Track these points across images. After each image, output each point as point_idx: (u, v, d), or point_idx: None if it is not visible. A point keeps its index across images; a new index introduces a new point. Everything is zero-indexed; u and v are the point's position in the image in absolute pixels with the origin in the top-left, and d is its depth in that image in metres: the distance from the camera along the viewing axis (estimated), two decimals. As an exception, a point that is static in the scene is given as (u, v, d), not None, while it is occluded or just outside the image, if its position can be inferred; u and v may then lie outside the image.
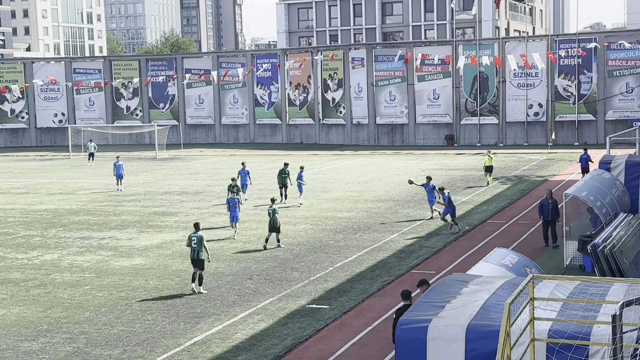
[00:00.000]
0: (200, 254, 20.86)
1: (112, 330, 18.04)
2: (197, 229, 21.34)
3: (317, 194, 39.12)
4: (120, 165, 42.02)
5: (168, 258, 25.38)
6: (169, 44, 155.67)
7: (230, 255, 25.57)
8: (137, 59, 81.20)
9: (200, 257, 20.88)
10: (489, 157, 40.46)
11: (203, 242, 20.92)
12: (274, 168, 51.65)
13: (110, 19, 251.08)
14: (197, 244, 20.84)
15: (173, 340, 17.27)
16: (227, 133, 75.96)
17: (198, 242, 20.86)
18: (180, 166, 55.08)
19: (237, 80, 74.53)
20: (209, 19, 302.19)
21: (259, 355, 16.18)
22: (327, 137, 71.47)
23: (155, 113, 76.86)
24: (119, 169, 41.77)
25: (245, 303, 20.00)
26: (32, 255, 26.21)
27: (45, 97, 78.10)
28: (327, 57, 70.63)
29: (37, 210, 35.91)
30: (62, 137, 73.48)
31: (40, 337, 17.66)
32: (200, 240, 20.86)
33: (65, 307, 20.01)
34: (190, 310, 19.42)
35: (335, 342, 16.96)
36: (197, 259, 20.88)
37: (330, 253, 25.55)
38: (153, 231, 30.14)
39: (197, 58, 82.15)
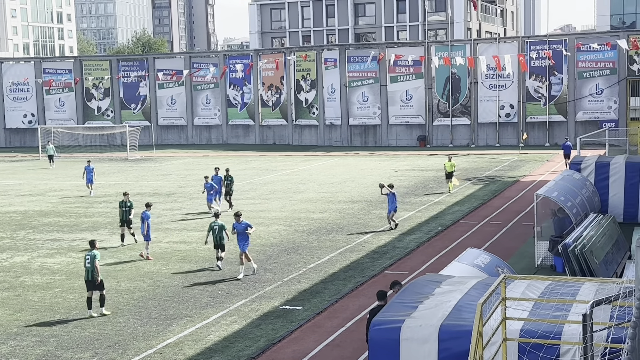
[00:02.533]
0: (94, 273, 19.31)
1: (83, 332, 17.87)
2: (92, 247, 19.85)
3: (290, 194, 39.08)
4: (91, 169, 40.75)
5: (140, 260, 25.18)
6: (141, 44, 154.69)
7: (202, 256, 25.44)
8: (108, 59, 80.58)
9: (94, 278, 19.31)
10: (450, 163, 38.41)
11: (95, 262, 19.38)
12: (247, 169, 51.58)
13: (81, 19, 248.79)
14: (90, 263, 19.32)
15: (145, 342, 17.14)
16: (200, 134, 75.61)
17: (91, 261, 19.35)
18: (152, 167, 54.73)
19: (209, 80, 74.22)
20: (181, 19, 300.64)
21: (232, 357, 16.12)
22: (300, 138, 71.43)
23: (127, 114, 76.30)
24: (89, 173, 40.44)
25: (218, 304, 19.91)
26: (1, 258, 25.89)
27: (14, 98, 77.21)
28: (300, 57, 70.61)
29: (6, 212, 35.47)
30: (32, 138, 72.70)
31: (10, 340, 17.44)
32: (93, 259, 19.35)
33: (35, 309, 19.79)
34: (162, 312, 19.29)
35: (309, 343, 16.94)
36: (90, 279, 19.34)
37: (303, 254, 25.53)
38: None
39: (169, 58, 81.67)
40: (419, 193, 38.36)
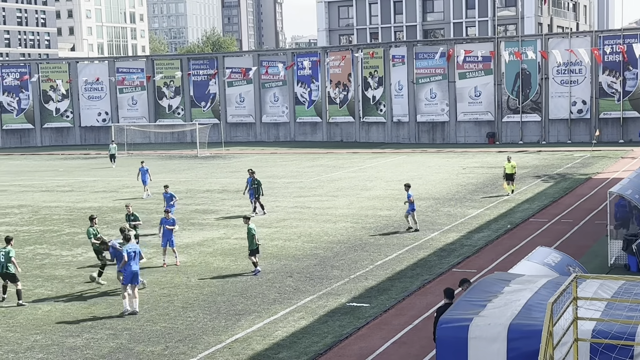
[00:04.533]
0: (10, 267, 20.35)
1: (154, 326, 18.23)
2: (7, 243, 20.92)
3: (357, 192, 39.08)
4: (145, 170, 39.70)
5: (209, 255, 25.57)
6: (210, 42, 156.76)
7: (270, 253, 25.68)
8: (179, 58, 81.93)
9: (9, 271, 20.37)
10: (510, 164, 35.93)
11: (11, 258, 20.43)
12: (314, 166, 51.81)
13: (153, 19, 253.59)
14: (3, 259, 20.34)
15: (214, 337, 17.40)
16: (268, 131, 76.26)
17: (5, 256, 20.37)
18: (221, 164, 55.45)
19: (278, 78, 74.80)
20: (250, 17, 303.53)
21: (300, 353, 16.22)
22: (368, 135, 71.35)
23: (197, 112, 77.47)
24: (144, 174, 39.54)
25: (285, 301, 20.07)
26: (77, 252, 26.60)
27: (89, 97, 79.22)
28: (368, 54, 70.51)
29: (81, 208, 36.43)
30: (106, 135, 74.45)
31: (85, 332, 17.92)
32: (7, 256, 20.39)
33: (108, 303, 20.28)
34: (231, 308, 19.55)
35: (375, 341, 16.94)
36: (5, 272, 20.40)
37: (370, 251, 25.51)
38: (194, 229, 30.40)
39: (238, 57, 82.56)
40: (488, 190, 37.90)
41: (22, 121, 79.09)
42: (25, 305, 20.26)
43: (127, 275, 19.17)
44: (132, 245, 19.52)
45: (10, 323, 18.76)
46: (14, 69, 79.52)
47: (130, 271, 19.16)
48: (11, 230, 31.01)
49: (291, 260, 24.57)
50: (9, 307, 20.15)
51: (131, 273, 19.18)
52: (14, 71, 78.99)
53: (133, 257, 19.28)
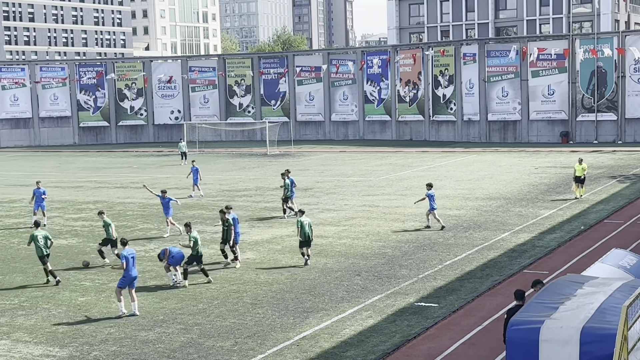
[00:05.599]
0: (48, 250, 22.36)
1: (224, 322, 18.46)
2: (36, 227, 22.90)
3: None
4: (196, 169, 38.92)
5: (278, 253, 25.76)
6: (281, 41, 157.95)
7: (338, 251, 25.71)
8: (250, 56, 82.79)
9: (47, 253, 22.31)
10: (581, 167, 34.39)
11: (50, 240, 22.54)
12: (383, 165, 51.67)
13: (225, 18, 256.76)
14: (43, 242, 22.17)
15: (283, 333, 17.52)
16: (337, 130, 76.40)
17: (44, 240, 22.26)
18: (290, 162, 55.78)
19: (348, 76, 74.85)
20: (320, 16, 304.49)
21: (367, 352, 16.20)
22: (437, 134, 70.78)
23: (267, 110, 78.16)
24: (194, 174, 38.74)
25: (353, 299, 20.07)
26: (149, 248, 27.12)
27: (162, 95, 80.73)
28: (438, 52, 69.92)
29: (153, 205, 37.11)
30: (178, 133, 75.70)
31: (157, 327, 18.26)
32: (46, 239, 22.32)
33: (179, 298, 20.63)
34: (299, 305, 19.65)
35: (444, 341, 16.80)
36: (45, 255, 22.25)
37: (439, 251, 25.31)
38: (264, 226, 30.66)
39: (308, 55, 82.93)
40: (560, 191, 37.15)
41: (98, 119, 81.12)
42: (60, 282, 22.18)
43: (125, 279, 19.21)
44: (130, 250, 19.57)
45: (85, 316, 19.26)
46: (90, 68, 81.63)
47: (129, 276, 19.21)
48: (87, 225, 31.85)
49: (359, 258, 24.56)
50: (85, 300, 20.69)
51: (130, 278, 19.25)
52: (90, 70, 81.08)
53: (132, 262, 19.31)
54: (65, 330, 18.12)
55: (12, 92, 79.63)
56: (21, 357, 16.44)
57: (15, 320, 18.98)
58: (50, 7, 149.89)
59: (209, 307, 19.65)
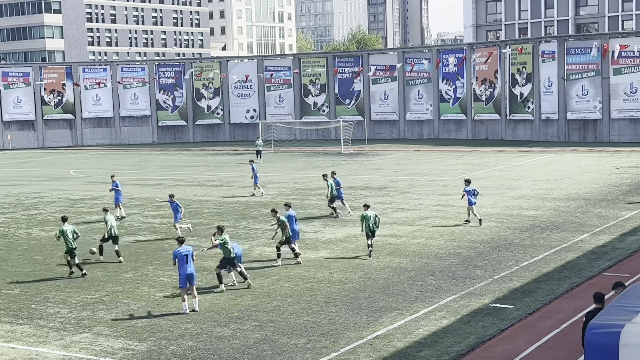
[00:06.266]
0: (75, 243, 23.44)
1: (297, 320, 18.59)
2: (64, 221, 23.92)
3: (502, 191, 38.26)
4: (253, 168, 39.51)
5: (351, 251, 25.78)
6: (356, 40, 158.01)
7: (412, 251, 25.58)
8: (325, 56, 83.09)
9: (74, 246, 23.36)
10: None
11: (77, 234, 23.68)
12: (458, 164, 51.15)
13: (300, 17, 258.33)
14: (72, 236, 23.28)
15: (356, 332, 17.53)
16: (411, 129, 75.99)
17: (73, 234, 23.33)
18: (364, 161, 55.75)
19: (423, 75, 74.35)
20: (395, 15, 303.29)
21: (441, 352, 16.07)
22: (514, 133, 69.64)
23: (341, 109, 78.29)
24: (254, 173, 39.38)
25: (427, 299, 19.94)
26: (225, 245, 27.48)
27: (238, 94, 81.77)
28: (516, 50, 68.78)
29: (229, 203, 37.65)
30: (254, 132, 76.58)
31: (232, 323, 18.51)
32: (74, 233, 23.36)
33: (254, 295, 20.86)
34: (372, 304, 19.63)
35: (520, 343, 16.53)
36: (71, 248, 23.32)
37: (515, 252, 24.91)
38: (337, 225, 30.73)
39: (383, 54, 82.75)
40: (643, 192, 36.09)
41: (176, 118, 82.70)
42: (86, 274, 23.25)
43: (182, 277, 19.34)
44: (183, 248, 19.66)
45: (162, 311, 19.67)
46: (169, 68, 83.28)
47: (184, 273, 19.33)
48: (165, 222, 32.50)
49: (433, 258, 24.38)
50: (163, 296, 21.11)
51: (185, 275, 19.35)
52: (169, 70, 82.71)
53: (185, 259, 19.39)
54: (143, 324, 18.55)
55: (94, 92, 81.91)
56: (102, 350, 16.90)
57: (96, 314, 19.53)
58: (131, 8, 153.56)
59: (283, 305, 19.82)
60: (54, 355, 16.67)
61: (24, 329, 18.48)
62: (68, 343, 17.37)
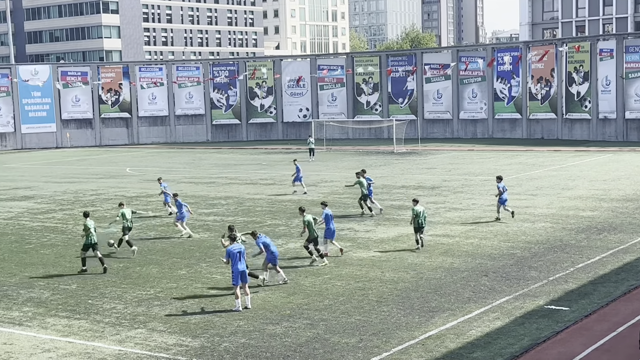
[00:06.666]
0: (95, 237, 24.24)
1: (349, 319, 18.59)
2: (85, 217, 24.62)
3: (557, 191, 37.67)
4: (298, 168, 40.20)
5: (404, 251, 25.67)
6: (409, 39, 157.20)
7: (465, 251, 25.36)
8: (378, 54, 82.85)
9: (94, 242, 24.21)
10: None
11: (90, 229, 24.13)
12: (513, 164, 50.51)
13: (354, 16, 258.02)
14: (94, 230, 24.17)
15: (408, 332, 17.46)
16: (465, 128, 75.30)
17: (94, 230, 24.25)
18: (417, 161, 55.44)
19: (477, 74, 73.63)
20: (450, 13, 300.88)
21: (494, 354, 15.90)
22: (570, 133, 68.49)
23: (394, 108, 77.99)
24: (298, 172, 40.00)
25: (480, 300, 19.75)
26: (277, 243, 27.60)
27: (291, 93, 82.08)
28: (573, 49, 67.62)
29: (282, 201, 37.81)
30: (306, 131, 76.69)
31: (284, 321, 18.60)
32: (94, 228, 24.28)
33: (306, 294, 20.92)
34: (424, 304, 19.52)
35: (575, 346, 16.26)
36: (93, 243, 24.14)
37: (571, 253, 24.51)
38: (389, 224, 30.63)
39: (437, 53, 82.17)
40: None
41: (230, 117, 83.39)
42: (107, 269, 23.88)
43: (234, 275, 19.45)
44: (236, 246, 19.74)
45: (215, 308, 19.86)
46: (223, 67, 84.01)
47: (236, 271, 19.43)
48: (218, 220, 32.79)
49: (487, 259, 24.14)
50: (216, 293, 21.31)
51: (238, 273, 19.44)
52: (223, 69, 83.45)
53: (238, 257, 19.49)
54: (197, 321, 18.76)
55: (150, 91, 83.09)
56: (156, 345, 17.15)
57: (151, 310, 19.82)
58: (186, 8, 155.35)
59: (334, 304, 19.83)
60: (109, 350, 16.97)
61: (81, 324, 18.85)
62: (123, 338, 17.67)
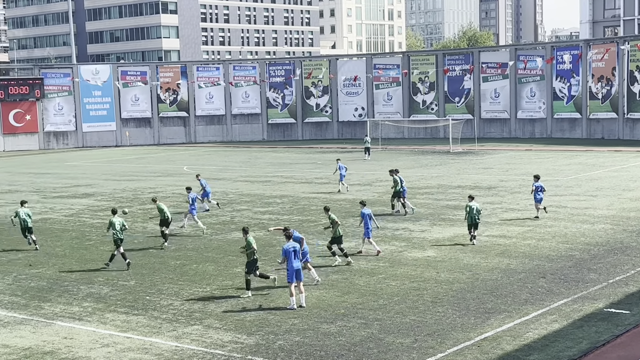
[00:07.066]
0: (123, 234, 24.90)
1: (404, 319, 18.51)
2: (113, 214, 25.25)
3: (618, 192, 36.90)
4: (342, 166, 40.78)
5: (459, 252, 25.46)
6: (466, 37, 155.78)
7: (522, 252, 25.03)
8: (434, 53, 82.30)
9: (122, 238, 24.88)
10: None
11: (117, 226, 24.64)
12: (572, 164, 49.65)
13: (410, 15, 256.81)
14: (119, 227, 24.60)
15: (463, 333, 17.31)
16: (523, 127, 74.29)
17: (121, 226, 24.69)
18: (474, 160, 54.91)
19: (536, 73, 72.57)
20: (508, 11, 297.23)
21: (552, 357, 15.67)
22: (632, 133, 67.00)
23: (450, 107, 77.37)
24: (341, 170, 40.58)
25: (537, 302, 19.47)
26: (332, 242, 27.65)
27: (347, 92, 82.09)
28: (635, 47, 66.14)
29: (336, 200, 37.84)
30: (361, 130, 76.62)
31: (338, 320, 18.62)
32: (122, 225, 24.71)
33: (360, 293, 20.90)
34: (480, 306, 19.33)
35: (636, 350, 15.92)
36: None
37: (632, 255, 23.99)
38: (445, 224, 30.40)
39: (494, 51, 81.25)
40: None
41: (285, 116, 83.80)
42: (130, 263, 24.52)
43: (290, 273, 19.50)
44: (292, 244, 19.79)
45: (270, 306, 19.99)
46: (279, 66, 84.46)
47: (291, 269, 19.47)
48: (273, 218, 32.98)
49: (544, 260, 23.79)
50: (271, 291, 21.44)
51: (293, 270, 19.48)
52: (279, 69, 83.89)
53: (293, 255, 19.52)
54: (252, 318, 18.91)
55: (207, 90, 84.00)
56: (212, 342, 17.34)
57: (207, 307, 20.04)
58: (243, 8, 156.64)
59: (389, 303, 19.78)
60: (166, 345, 17.21)
61: (139, 320, 19.17)
62: (180, 334, 17.91)
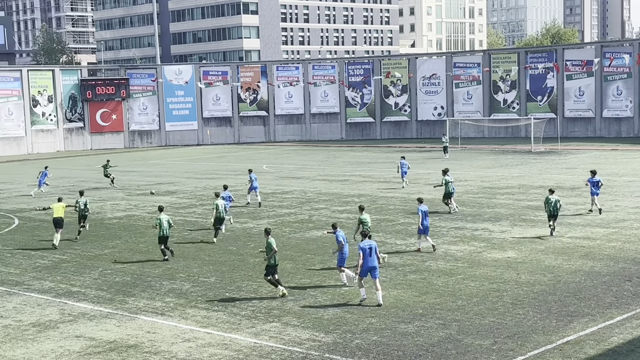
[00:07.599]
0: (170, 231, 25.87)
1: (483, 320, 18.26)
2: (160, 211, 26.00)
3: None
4: (404, 164, 42.15)
5: (541, 253, 24.96)
6: (550, 35, 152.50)
7: (607, 254, 24.36)
8: (516, 51, 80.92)
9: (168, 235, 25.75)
10: None
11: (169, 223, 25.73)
12: (661, 164, 48.03)
13: (492, 13, 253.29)
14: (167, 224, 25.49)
15: (544, 336, 16.97)
16: (609, 126, 72.29)
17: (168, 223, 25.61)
18: (556, 160, 53.74)
19: (623, 70, 70.51)
20: (594, 7, 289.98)
21: (637, 363, 15.21)
22: None
23: (532, 106, 75.91)
24: (403, 167, 41.94)
25: (623, 306, 18.92)
26: (410, 242, 27.52)
27: (426, 91, 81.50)
28: None
29: (413, 200, 37.57)
30: (440, 129, 75.92)
31: (416, 320, 18.50)
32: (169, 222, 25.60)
33: (439, 293, 20.72)
34: (562, 308, 18.90)
35: None
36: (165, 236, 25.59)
37: None
38: (526, 225, 29.85)
39: (579, 49, 79.33)
40: None
41: (364, 115, 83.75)
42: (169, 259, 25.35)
43: (364, 269, 19.60)
44: (368, 242, 19.87)
45: (347, 304, 20.00)
46: (358, 66, 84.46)
47: (366, 266, 19.54)
48: (351, 217, 33.00)
49: (630, 263, 23.09)
50: (348, 290, 21.45)
51: (367, 268, 19.56)
52: (358, 68, 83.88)
53: (369, 253, 19.55)
54: (329, 317, 18.96)
55: (286, 90, 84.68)
56: (290, 339, 17.46)
57: (285, 305, 20.19)
58: (323, 7, 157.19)
59: (467, 304, 19.54)
60: (245, 342, 17.42)
61: (219, 316, 19.46)
62: (259, 331, 18.10)
